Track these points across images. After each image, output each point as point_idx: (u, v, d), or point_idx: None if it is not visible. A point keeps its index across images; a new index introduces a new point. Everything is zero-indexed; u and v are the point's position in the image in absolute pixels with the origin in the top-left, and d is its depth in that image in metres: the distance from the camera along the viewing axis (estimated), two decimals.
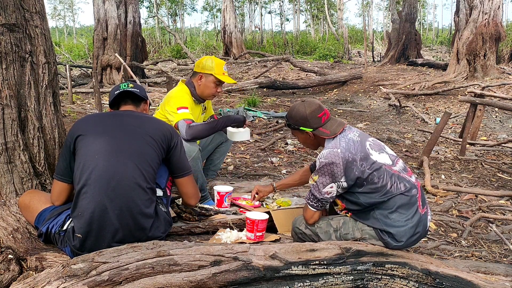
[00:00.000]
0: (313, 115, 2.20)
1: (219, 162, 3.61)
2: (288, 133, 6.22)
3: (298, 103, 2.28)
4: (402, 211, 2.12)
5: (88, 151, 1.99)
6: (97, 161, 1.96)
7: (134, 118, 2.14)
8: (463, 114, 7.60)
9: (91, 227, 1.92)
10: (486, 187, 4.19)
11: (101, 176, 1.94)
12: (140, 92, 2.26)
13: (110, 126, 2.07)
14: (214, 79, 3.01)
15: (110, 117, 2.15)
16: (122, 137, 2.03)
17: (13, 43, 2.25)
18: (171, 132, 2.18)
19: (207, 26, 51.76)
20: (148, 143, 2.05)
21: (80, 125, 2.09)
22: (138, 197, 1.97)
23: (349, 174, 2.10)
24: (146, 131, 2.08)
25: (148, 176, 2.02)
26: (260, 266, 1.82)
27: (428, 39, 33.18)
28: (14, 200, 2.26)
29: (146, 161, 2.02)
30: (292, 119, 2.26)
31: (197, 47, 24.63)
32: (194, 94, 3.09)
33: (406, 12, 15.20)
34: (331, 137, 2.18)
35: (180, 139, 2.24)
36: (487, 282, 1.97)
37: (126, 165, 1.97)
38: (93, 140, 2.01)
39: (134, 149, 2.02)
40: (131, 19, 11.55)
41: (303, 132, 2.25)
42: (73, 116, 6.76)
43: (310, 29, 41.54)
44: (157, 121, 2.23)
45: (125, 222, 1.95)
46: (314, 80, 11.88)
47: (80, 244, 1.94)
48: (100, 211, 1.91)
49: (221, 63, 3.07)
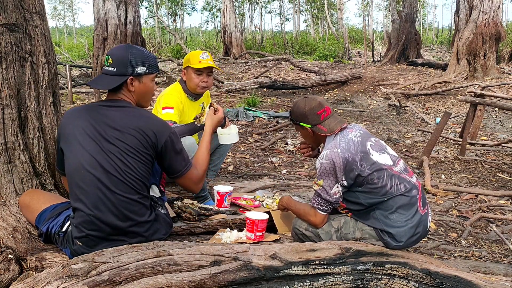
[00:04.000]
0: (312, 112, 2.22)
1: (219, 162, 3.60)
2: (288, 133, 6.22)
3: (300, 99, 2.31)
4: (402, 212, 2.12)
5: (73, 164, 1.91)
6: (83, 177, 1.87)
7: (113, 120, 1.90)
8: (463, 114, 7.60)
9: (88, 238, 1.90)
10: (486, 187, 4.19)
11: (91, 192, 1.87)
12: (117, 71, 1.93)
13: (89, 135, 1.89)
14: (192, 69, 3.05)
15: (88, 118, 1.93)
16: (102, 149, 1.87)
17: (13, 43, 2.25)
18: (157, 131, 1.93)
19: (207, 26, 51.78)
20: (131, 155, 1.88)
21: (61, 130, 1.98)
22: (131, 210, 1.90)
23: (349, 173, 2.10)
24: (124, 139, 1.88)
25: (137, 187, 1.91)
26: (260, 266, 1.82)
27: (428, 39, 33.18)
28: (14, 200, 2.25)
29: (130, 173, 1.88)
30: (294, 114, 2.29)
31: (197, 47, 24.61)
32: (186, 90, 3.15)
33: (406, 12, 15.20)
34: (328, 134, 2.20)
35: (173, 134, 1.99)
36: (487, 282, 1.97)
37: (111, 180, 1.86)
38: (75, 152, 1.90)
39: (115, 162, 1.87)
40: (131, 19, 11.54)
41: (303, 128, 2.28)
42: None
43: (310, 29, 41.54)
44: (140, 119, 1.92)
45: (122, 233, 1.92)
46: (314, 80, 11.88)
47: (80, 250, 1.91)
48: (96, 225, 1.87)
49: (197, 52, 3.11)
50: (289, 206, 2.41)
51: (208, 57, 3.07)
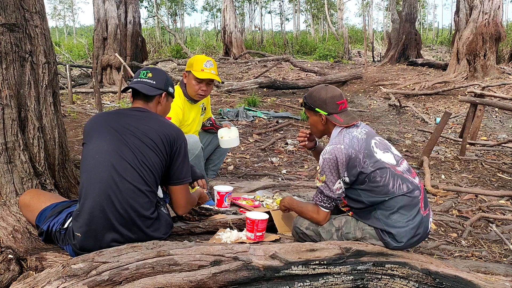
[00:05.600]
0: (332, 100, 2.23)
1: (219, 162, 3.61)
2: (288, 133, 6.21)
3: (321, 86, 2.32)
4: (403, 212, 2.12)
5: (89, 152, 2.00)
6: (97, 162, 1.96)
7: (136, 119, 2.06)
8: (463, 114, 7.60)
9: (90, 227, 1.92)
10: (486, 187, 4.19)
11: (101, 177, 1.93)
12: (156, 84, 2.15)
13: (112, 128, 2.04)
14: (193, 76, 2.98)
15: (113, 116, 2.11)
16: (122, 139, 1.99)
17: (13, 43, 2.25)
18: (175, 136, 2.07)
19: (207, 26, 51.82)
20: (148, 145, 2.00)
21: (86, 128, 2.10)
22: (136, 200, 1.95)
23: (351, 170, 2.11)
24: (146, 133, 2.01)
25: (148, 179, 1.98)
26: (260, 266, 1.82)
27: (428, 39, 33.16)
28: (14, 200, 2.25)
29: (145, 164, 1.98)
30: (311, 99, 2.28)
31: (197, 47, 24.62)
32: (186, 94, 3.08)
33: (406, 12, 15.20)
34: (343, 125, 2.20)
35: (185, 145, 2.12)
36: (487, 282, 1.97)
37: (125, 167, 1.95)
38: (95, 141, 2.02)
39: (133, 151, 1.97)
40: (131, 19, 11.56)
41: (317, 114, 2.26)
42: (73, 116, 6.76)
43: (310, 29, 41.53)
44: (161, 123, 2.09)
45: (124, 224, 1.94)
46: (314, 80, 11.87)
47: (80, 243, 1.94)
48: (99, 212, 1.91)
49: (202, 59, 3.00)
50: (291, 206, 2.42)
51: (212, 66, 2.99)
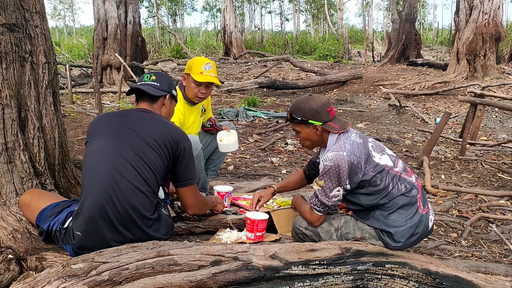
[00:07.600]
0: (324, 108, 2.16)
1: (219, 162, 3.60)
2: (288, 133, 6.21)
3: (305, 97, 2.20)
4: (402, 212, 2.12)
5: (91, 150, 2.02)
6: (98, 161, 1.97)
7: (139, 120, 2.06)
8: (463, 114, 7.60)
9: (90, 226, 1.91)
10: (486, 187, 4.18)
11: (101, 176, 1.94)
12: (160, 86, 2.17)
13: (115, 127, 2.04)
14: (192, 79, 2.95)
15: (117, 116, 2.12)
16: (124, 138, 2.00)
17: (13, 43, 2.25)
18: (179, 138, 2.06)
19: (207, 26, 51.84)
20: (150, 145, 1.99)
21: (90, 128, 2.12)
22: (137, 200, 1.94)
23: (353, 177, 2.09)
24: (149, 133, 2.00)
25: (149, 179, 1.97)
26: (260, 266, 1.82)
27: (428, 39, 33.17)
28: (14, 200, 2.25)
29: (147, 164, 1.97)
30: (301, 112, 2.16)
31: (197, 47, 24.62)
32: (185, 96, 3.05)
33: (406, 12, 15.20)
34: (340, 131, 2.15)
35: (189, 147, 2.10)
36: (487, 282, 1.97)
37: (126, 167, 1.94)
38: (97, 140, 2.03)
39: (135, 151, 1.97)
40: (131, 19, 11.55)
41: (310, 126, 2.16)
42: (73, 116, 6.76)
43: (310, 29, 41.54)
44: (165, 124, 2.09)
45: (123, 223, 1.94)
46: (314, 80, 11.88)
47: (79, 242, 1.93)
48: (99, 211, 1.91)
49: (201, 61, 2.96)
50: (295, 204, 2.42)
51: (211, 69, 2.95)
